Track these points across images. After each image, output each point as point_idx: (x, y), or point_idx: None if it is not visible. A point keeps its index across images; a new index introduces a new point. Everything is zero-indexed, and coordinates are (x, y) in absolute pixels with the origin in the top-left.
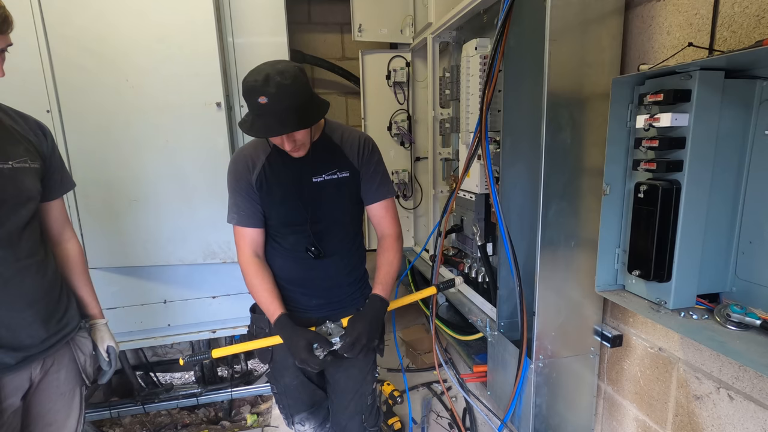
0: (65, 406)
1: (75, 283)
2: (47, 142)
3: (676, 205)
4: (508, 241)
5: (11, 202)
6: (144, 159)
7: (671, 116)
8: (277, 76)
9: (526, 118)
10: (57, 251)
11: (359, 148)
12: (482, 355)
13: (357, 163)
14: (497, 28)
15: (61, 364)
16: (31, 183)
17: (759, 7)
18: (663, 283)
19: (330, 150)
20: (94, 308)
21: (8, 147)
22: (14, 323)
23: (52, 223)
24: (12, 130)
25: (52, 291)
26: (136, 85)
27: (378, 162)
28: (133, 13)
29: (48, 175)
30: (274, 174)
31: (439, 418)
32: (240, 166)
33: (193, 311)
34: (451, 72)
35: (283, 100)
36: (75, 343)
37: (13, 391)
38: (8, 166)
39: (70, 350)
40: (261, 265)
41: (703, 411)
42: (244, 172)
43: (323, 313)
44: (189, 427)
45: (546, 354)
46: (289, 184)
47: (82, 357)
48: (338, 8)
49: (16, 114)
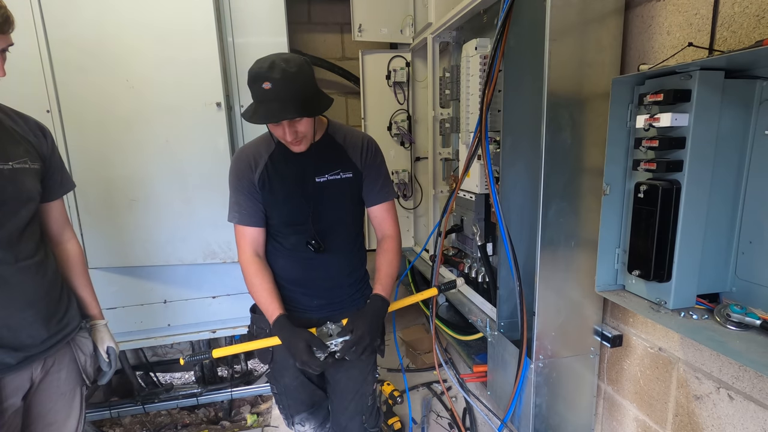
0: (65, 406)
1: (75, 284)
2: (47, 143)
3: (676, 205)
4: (508, 241)
5: (11, 203)
6: (144, 159)
7: (671, 116)
8: (282, 63)
9: (526, 118)
10: (57, 252)
11: (363, 149)
12: (482, 355)
13: (360, 164)
14: (497, 28)
15: (62, 364)
16: (31, 184)
17: (759, 7)
18: (663, 283)
19: (333, 150)
20: (94, 309)
21: (8, 148)
22: (15, 323)
23: (51, 224)
24: (12, 131)
25: (52, 291)
26: (136, 85)
27: (381, 164)
28: (133, 13)
29: (48, 175)
30: (277, 173)
31: (439, 418)
32: (242, 165)
33: (193, 311)
34: (451, 72)
35: (287, 86)
36: (75, 343)
37: (13, 391)
38: (8, 166)
39: (70, 350)
40: (261, 264)
41: (703, 411)
42: (246, 171)
43: (324, 314)
44: (189, 427)
45: (546, 354)
46: (292, 183)
47: (82, 357)
48: (338, 8)
49: (16, 115)
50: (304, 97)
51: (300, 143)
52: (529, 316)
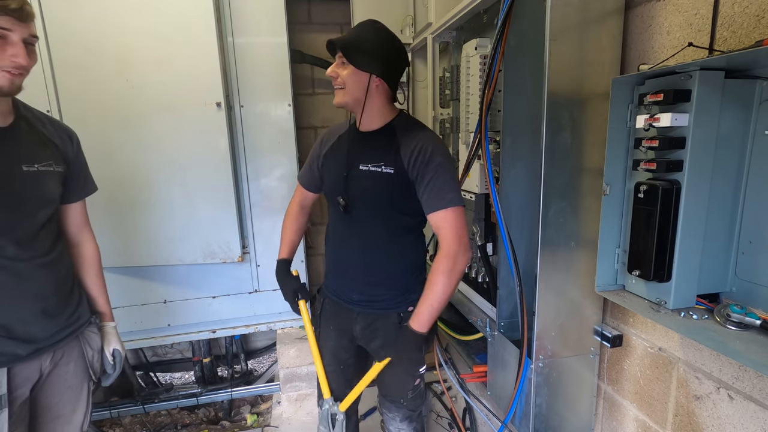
0: (72, 400)
1: (88, 285)
2: (72, 147)
3: (676, 205)
4: (508, 241)
5: (31, 204)
6: (144, 159)
7: (671, 116)
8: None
9: (526, 118)
10: (73, 252)
11: (414, 149)
12: (482, 355)
13: (406, 164)
14: (497, 28)
15: (70, 357)
16: (54, 186)
17: (759, 7)
18: (663, 283)
19: (387, 142)
20: (105, 310)
21: (36, 150)
22: (27, 317)
23: (69, 225)
24: (40, 134)
25: (64, 286)
26: (136, 85)
27: (436, 169)
28: (133, 13)
29: (70, 178)
30: (335, 152)
31: (439, 418)
32: (322, 139)
33: (193, 311)
34: (451, 72)
35: (358, 28)
36: (84, 338)
37: (23, 382)
38: (34, 168)
39: (79, 344)
40: (298, 213)
41: (703, 411)
42: (319, 145)
43: (364, 310)
44: (189, 427)
45: (546, 354)
46: (340, 166)
47: (90, 352)
48: (338, 8)
49: (45, 118)
50: (361, 44)
51: (338, 94)
52: (529, 316)
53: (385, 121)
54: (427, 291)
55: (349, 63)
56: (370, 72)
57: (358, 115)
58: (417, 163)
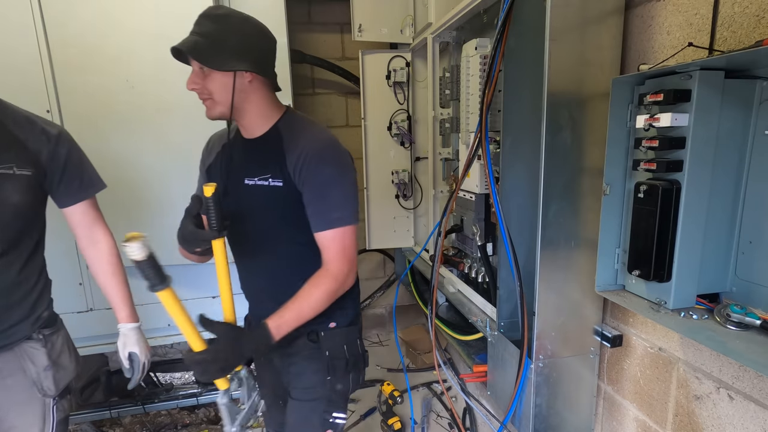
0: (22, 414)
1: (104, 286)
2: (49, 147)
3: (676, 205)
4: (508, 241)
5: None
6: (143, 159)
7: (671, 116)
8: (218, 9)
9: (526, 118)
10: (87, 254)
11: (298, 156)
12: (482, 355)
13: (293, 175)
14: (497, 28)
15: (9, 372)
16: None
17: (759, 7)
18: (663, 283)
19: (274, 149)
20: (121, 311)
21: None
22: None
23: (75, 228)
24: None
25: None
26: (136, 85)
27: (325, 182)
28: (133, 13)
29: (49, 182)
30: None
31: (439, 418)
32: (208, 145)
33: (193, 311)
34: (451, 72)
35: (200, 25)
36: (24, 353)
37: None
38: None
39: (17, 359)
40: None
41: (703, 411)
42: (204, 155)
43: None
44: (189, 427)
45: (546, 354)
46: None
47: (32, 368)
48: (338, 8)
49: (25, 119)
50: (210, 40)
51: (208, 107)
52: (530, 316)
53: (270, 124)
54: (303, 301)
55: (207, 67)
56: (235, 69)
57: (239, 122)
58: (302, 174)
